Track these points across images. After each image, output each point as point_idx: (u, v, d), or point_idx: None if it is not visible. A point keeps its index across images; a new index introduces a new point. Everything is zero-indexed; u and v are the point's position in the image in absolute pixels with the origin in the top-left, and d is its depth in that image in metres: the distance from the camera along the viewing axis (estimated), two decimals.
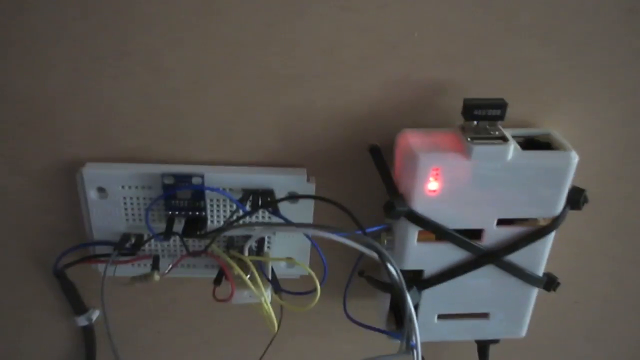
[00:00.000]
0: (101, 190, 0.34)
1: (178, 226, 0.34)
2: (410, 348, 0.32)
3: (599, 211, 0.38)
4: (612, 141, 0.35)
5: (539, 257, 0.34)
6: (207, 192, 0.33)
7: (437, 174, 0.30)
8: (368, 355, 0.42)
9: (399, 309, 0.35)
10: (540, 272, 0.34)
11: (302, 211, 0.35)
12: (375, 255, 0.29)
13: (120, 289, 0.38)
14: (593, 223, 0.38)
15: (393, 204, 0.30)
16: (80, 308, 0.39)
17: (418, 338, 0.29)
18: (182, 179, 0.33)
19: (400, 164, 0.32)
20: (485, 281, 0.34)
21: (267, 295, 0.33)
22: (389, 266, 0.28)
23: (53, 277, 0.37)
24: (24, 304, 0.40)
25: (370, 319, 0.35)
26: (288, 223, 0.32)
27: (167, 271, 0.34)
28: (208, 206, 0.34)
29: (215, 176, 0.33)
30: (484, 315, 0.36)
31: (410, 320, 0.29)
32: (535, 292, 0.35)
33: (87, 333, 0.40)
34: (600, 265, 0.40)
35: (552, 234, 0.33)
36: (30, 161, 0.34)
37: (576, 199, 0.33)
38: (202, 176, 0.33)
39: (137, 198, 0.34)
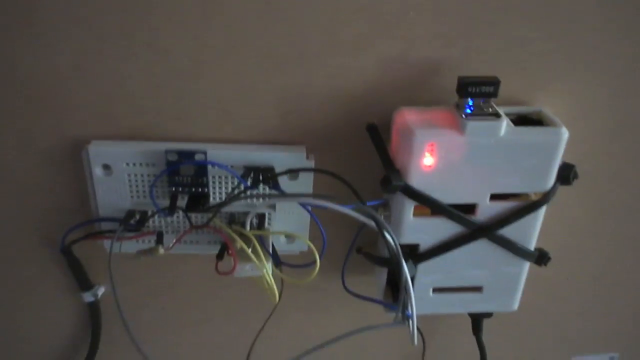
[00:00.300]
0: (106, 167, 0.35)
1: (181, 203, 0.35)
2: (406, 318, 0.33)
3: (589, 188, 0.39)
4: (602, 119, 0.36)
5: (531, 231, 0.35)
6: (209, 169, 0.34)
7: (432, 150, 0.31)
8: (366, 330, 0.43)
9: (396, 283, 0.36)
10: (531, 247, 0.36)
11: (302, 188, 0.36)
12: (373, 225, 0.30)
13: (125, 266, 0.39)
14: (583, 200, 0.39)
15: (390, 179, 0.31)
16: (86, 284, 0.40)
17: (413, 305, 0.31)
18: (185, 156, 0.34)
19: (397, 141, 0.33)
20: (478, 255, 0.35)
21: (268, 267, 0.34)
22: (387, 235, 0.29)
23: (59, 254, 0.38)
24: (31, 281, 0.41)
25: (368, 295, 0.37)
26: (289, 194, 0.33)
27: (171, 245, 0.36)
28: (210, 183, 0.35)
29: (217, 153, 0.34)
30: (477, 289, 0.37)
31: (406, 288, 0.30)
32: (526, 266, 0.36)
33: (93, 309, 0.41)
34: (590, 242, 0.42)
35: (543, 209, 0.34)
36: (36, 139, 0.35)
37: (566, 174, 0.34)
38: (204, 153, 0.34)
39: (142, 175, 0.35)
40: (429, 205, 0.33)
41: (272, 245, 0.36)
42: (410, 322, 0.31)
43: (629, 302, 0.45)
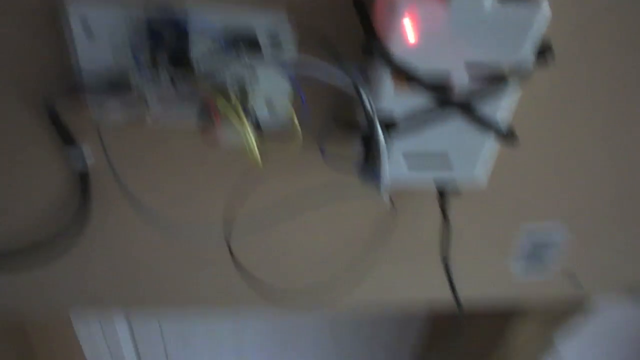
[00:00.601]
0: (87, 30, 0.34)
1: (165, 74, 0.35)
2: (378, 184, 0.36)
3: (565, 72, 0.40)
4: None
5: (504, 110, 0.37)
6: (191, 33, 0.34)
7: (413, 19, 0.31)
8: (342, 199, 0.46)
9: (372, 154, 0.38)
10: (503, 125, 0.38)
11: (284, 56, 0.36)
12: (353, 93, 0.31)
13: (110, 137, 0.40)
14: (558, 84, 0.41)
15: (370, 46, 0.32)
16: (74, 149, 0.41)
17: (386, 167, 0.33)
18: (167, 22, 0.33)
19: (380, 9, 0.33)
20: (451, 131, 0.37)
21: (251, 135, 0.35)
22: (364, 99, 0.31)
23: (45, 119, 0.39)
24: (16, 148, 0.42)
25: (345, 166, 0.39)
26: (272, 58, 0.33)
27: (155, 113, 0.36)
28: (192, 48, 0.35)
29: (199, 17, 0.34)
30: (448, 164, 0.39)
31: (380, 152, 0.32)
32: (496, 144, 0.39)
33: (82, 173, 0.43)
34: (561, 127, 0.44)
35: (518, 88, 0.35)
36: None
37: (544, 53, 0.35)
38: (186, 19, 0.33)
39: (124, 38, 0.34)
40: (407, 77, 0.34)
41: (255, 114, 0.38)
42: (382, 180, 0.34)
43: (581, 180, 0.48)
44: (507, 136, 0.38)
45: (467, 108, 0.36)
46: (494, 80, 0.35)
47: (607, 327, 0.96)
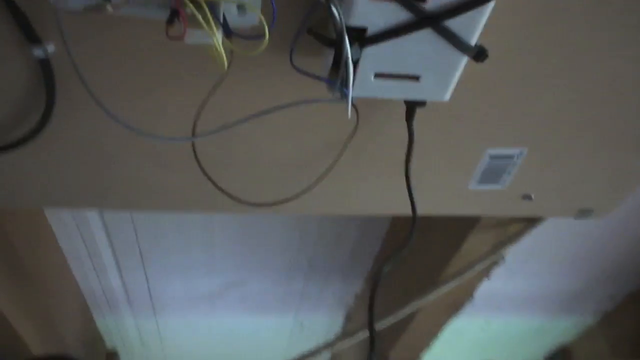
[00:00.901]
0: None
1: None
2: (344, 95, 0.36)
3: None
4: None
5: (475, 26, 0.36)
6: None
7: None
8: (309, 109, 0.47)
9: (340, 67, 0.38)
10: (473, 42, 0.38)
11: None
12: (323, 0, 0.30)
13: (72, 29, 0.39)
14: (530, 4, 0.40)
15: None
16: (34, 38, 0.40)
17: (351, 76, 0.33)
18: None
19: None
20: (421, 45, 0.37)
21: (218, 35, 0.35)
22: (332, 8, 0.30)
23: (2, 8, 0.37)
24: None
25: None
26: None
27: (119, 3, 0.35)
28: None
29: None
30: (415, 78, 0.40)
31: (346, 60, 0.32)
32: (464, 60, 0.39)
33: (45, 67, 0.42)
34: (530, 46, 0.44)
35: (492, 4, 0.35)
36: None
37: None
38: None
39: None
40: None
41: (224, 15, 0.36)
42: (348, 92, 0.34)
43: (544, 104, 0.50)
44: (477, 53, 0.38)
45: (438, 22, 0.36)
46: None
47: (552, 239, 1.03)
